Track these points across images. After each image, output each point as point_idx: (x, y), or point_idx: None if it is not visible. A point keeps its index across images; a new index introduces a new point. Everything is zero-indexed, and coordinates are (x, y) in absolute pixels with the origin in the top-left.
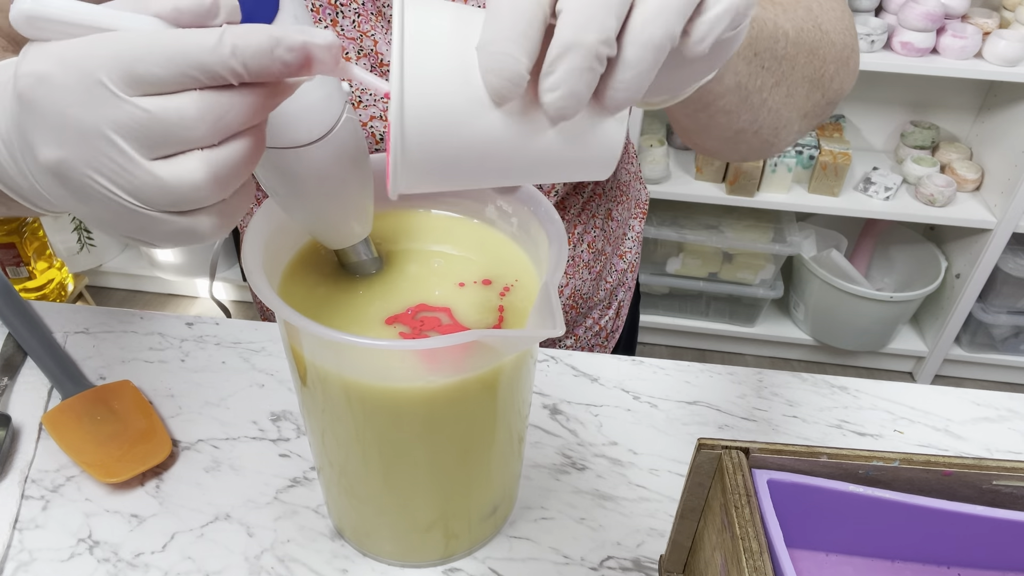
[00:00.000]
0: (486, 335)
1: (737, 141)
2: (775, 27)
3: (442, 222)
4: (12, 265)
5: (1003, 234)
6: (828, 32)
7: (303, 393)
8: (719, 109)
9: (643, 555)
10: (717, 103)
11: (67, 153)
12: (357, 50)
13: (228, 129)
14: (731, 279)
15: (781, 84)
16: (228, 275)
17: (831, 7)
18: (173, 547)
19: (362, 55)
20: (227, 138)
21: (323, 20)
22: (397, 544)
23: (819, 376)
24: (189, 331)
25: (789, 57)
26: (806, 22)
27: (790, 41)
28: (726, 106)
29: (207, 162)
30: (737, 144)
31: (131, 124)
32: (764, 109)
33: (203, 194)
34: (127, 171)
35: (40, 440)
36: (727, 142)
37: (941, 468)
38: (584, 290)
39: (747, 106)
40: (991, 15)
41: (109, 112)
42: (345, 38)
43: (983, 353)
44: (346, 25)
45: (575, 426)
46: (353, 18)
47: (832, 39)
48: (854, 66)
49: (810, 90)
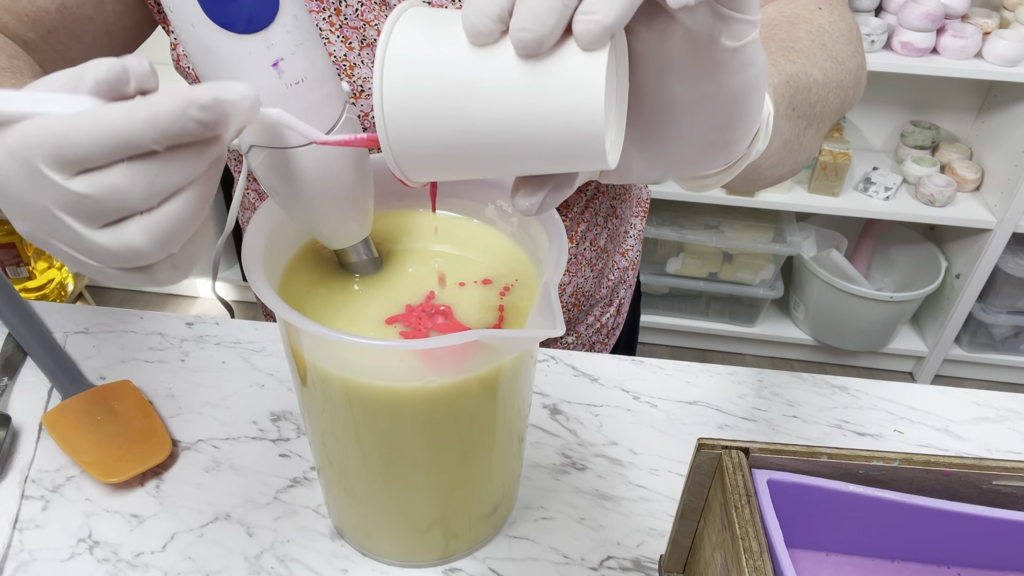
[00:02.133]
0: (486, 335)
1: (780, 179)
2: (806, 76)
3: (442, 222)
4: (12, 265)
5: (1003, 234)
6: (844, 62)
7: (303, 393)
8: (768, 166)
9: (643, 555)
10: (766, 163)
11: (31, 227)
12: (360, 39)
13: (163, 192)
14: (731, 279)
15: (813, 124)
16: (229, 275)
17: (840, 31)
18: (173, 547)
19: (365, 45)
20: (166, 199)
21: (327, 9)
22: (397, 544)
23: (819, 376)
24: (189, 331)
25: (821, 100)
26: (826, 61)
27: (819, 85)
28: (774, 162)
29: (145, 227)
30: (779, 179)
31: (70, 202)
32: (801, 151)
33: (147, 254)
34: (78, 240)
35: (40, 440)
36: (767, 184)
37: (941, 468)
38: (586, 288)
39: (790, 156)
40: (991, 15)
41: (51, 194)
42: (349, 27)
43: (983, 353)
44: (349, 14)
45: (575, 426)
46: (356, 7)
47: (848, 66)
48: (864, 77)
49: (834, 117)
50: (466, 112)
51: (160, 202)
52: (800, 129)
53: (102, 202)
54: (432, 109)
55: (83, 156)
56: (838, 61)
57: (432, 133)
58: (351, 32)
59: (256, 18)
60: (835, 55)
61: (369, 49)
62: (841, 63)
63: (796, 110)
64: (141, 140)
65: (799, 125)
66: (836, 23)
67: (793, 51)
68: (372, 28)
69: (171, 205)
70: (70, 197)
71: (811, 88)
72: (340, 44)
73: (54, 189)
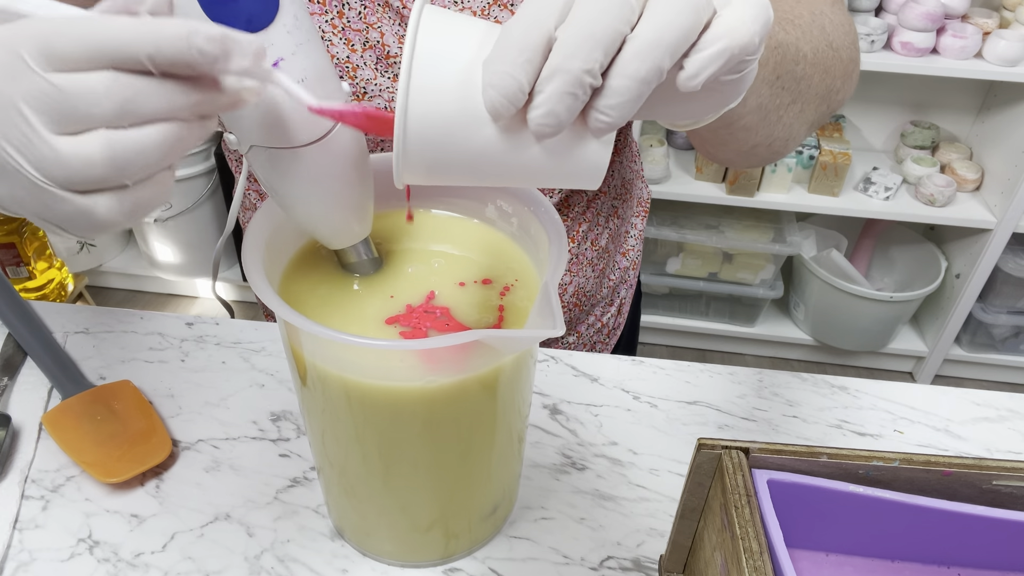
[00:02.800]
0: (486, 335)
1: (751, 154)
2: (796, 51)
3: (442, 222)
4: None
5: (1003, 234)
6: (839, 49)
7: (303, 393)
8: (740, 127)
9: (643, 555)
10: (739, 122)
11: None
12: (363, 42)
13: (138, 114)
14: (731, 279)
15: (797, 102)
16: (228, 275)
17: (840, 22)
18: (173, 547)
19: (367, 47)
20: (137, 124)
21: (329, 11)
22: (397, 544)
23: (819, 376)
24: (189, 331)
25: (806, 77)
26: (820, 42)
27: (808, 62)
28: (747, 124)
29: (106, 141)
30: (750, 156)
31: (40, 97)
32: (780, 125)
33: (97, 171)
34: (32, 143)
35: (40, 440)
36: (742, 154)
37: (941, 468)
38: (587, 288)
39: (765, 123)
40: (991, 15)
41: (23, 85)
42: (351, 30)
43: (983, 353)
44: (352, 17)
45: (575, 426)
46: (359, 9)
47: (841, 55)
48: (856, 76)
49: (819, 104)
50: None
51: (131, 124)
52: (783, 102)
53: (73, 102)
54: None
55: (71, 53)
56: (832, 47)
57: (444, 159)
58: (353, 35)
59: (256, 18)
60: (831, 40)
61: (371, 51)
62: (835, 50)
63: (780, 79)
64: (135, 52)
65: (782, 97)
66: (838, 14)
67: (791, 24)
68: (375, 31)
69: (142, 131)
70: (42, 90)
71: (798, 62)
72: (343, 46)
73: (28, 79)
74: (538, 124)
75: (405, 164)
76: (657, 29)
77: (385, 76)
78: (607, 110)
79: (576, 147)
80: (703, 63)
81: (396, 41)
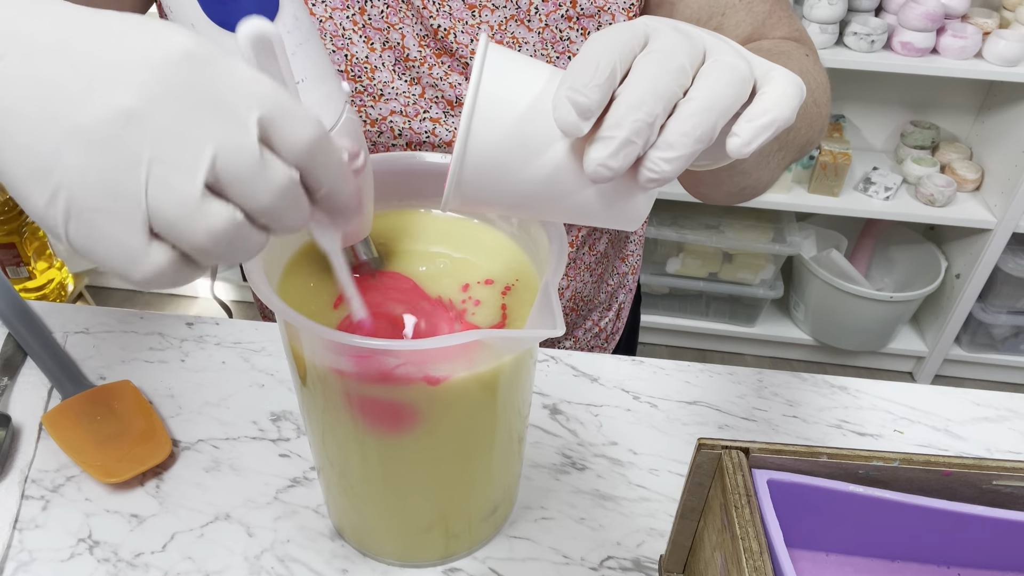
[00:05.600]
0: (486, 335)
1: (739, 195)
2: None
3: (442, 222)
4: (12, 265)
5: (1003, 234)
6: (821, 106)
7: (303, 393)
8: (739, 171)
9: (643, 555)
10: (739, 166)
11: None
12: (383, 41)
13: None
14: (731, 279)
15: (783, 149)
16: (228, 275)
17: (821, 81)
18: (173, 547)
19: (387, 47)
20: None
21: (351, 7)
22: (397, 544)
23: (819, 376)
24: (189, 331)
25: (795, 129)
26: (808, 99)
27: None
28: (745, 168)
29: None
30: (737, 196)
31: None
32: (767, 169)
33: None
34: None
35: (40, 440)
36: (731, 195)
37: (941, 468)
38: (585, 292)
39: (758, 168)
40: (991, 15)
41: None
42: (372, 28)
43: (983, 353)
44: (374, 15)
45: (575, 426)
46: (382, 8)
47: (821, 112)
48: (825, 129)
49: (798, 152)
50: (528, 190)
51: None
52: (773, 149)
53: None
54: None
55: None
56: (816, 103)
57: (493, 196)
58: (374, 33)
59: None
60: (815, 97)
61: (390, 52)
62: (818, 106)
63: None
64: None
65: (773, 145)
66: (818, 72)
67: None
68: (396, 31)
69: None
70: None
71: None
72: (362, 44)
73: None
74: (596, 165)
75: (455, 194)
76: (713, 94)
77: (402, 79)
78: (660, 163)
79: (622, 195)
80: (755, 132)
81: (416, 44)
